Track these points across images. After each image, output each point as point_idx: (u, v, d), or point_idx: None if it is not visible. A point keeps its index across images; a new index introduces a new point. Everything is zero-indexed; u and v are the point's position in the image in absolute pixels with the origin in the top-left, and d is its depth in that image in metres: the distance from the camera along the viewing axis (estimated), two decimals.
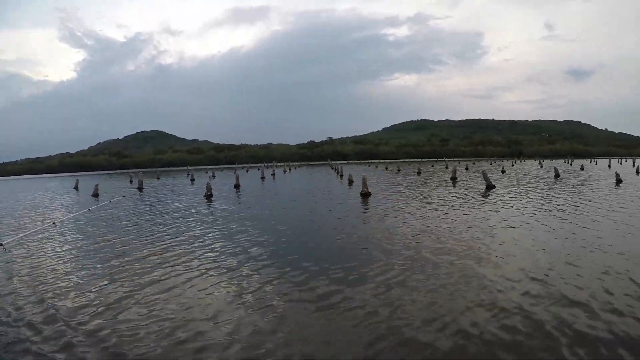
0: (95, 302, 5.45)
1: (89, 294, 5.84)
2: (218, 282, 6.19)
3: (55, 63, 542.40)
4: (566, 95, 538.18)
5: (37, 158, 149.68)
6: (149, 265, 7.34)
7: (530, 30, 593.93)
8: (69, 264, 7.70)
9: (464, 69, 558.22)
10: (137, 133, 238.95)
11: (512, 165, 60.46)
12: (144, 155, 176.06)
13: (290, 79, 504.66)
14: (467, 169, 45.35)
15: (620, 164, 59.89)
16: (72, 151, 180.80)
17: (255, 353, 3.90)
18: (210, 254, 8.16)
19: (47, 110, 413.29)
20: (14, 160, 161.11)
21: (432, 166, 61.75)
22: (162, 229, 11.50)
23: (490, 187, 19.83)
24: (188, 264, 7.37)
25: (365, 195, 18.37)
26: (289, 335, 4.25)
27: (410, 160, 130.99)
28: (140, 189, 30.68)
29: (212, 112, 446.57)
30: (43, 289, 6.12)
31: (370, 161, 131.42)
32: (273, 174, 47.05)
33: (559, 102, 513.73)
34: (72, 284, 6.34)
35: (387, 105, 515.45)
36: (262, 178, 39.31)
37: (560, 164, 56.08)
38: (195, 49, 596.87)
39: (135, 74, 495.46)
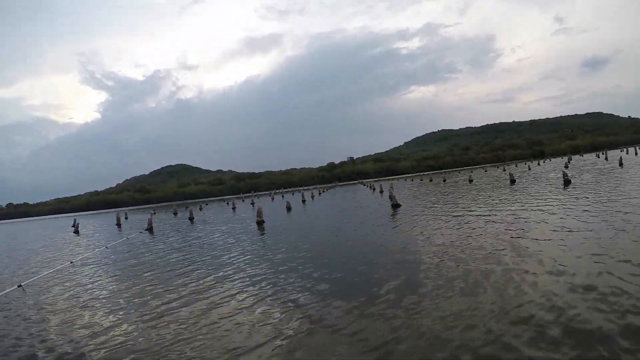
0: (122, 340, 5.16)
1: (112, 331, 5.52)
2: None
3: (79, 105, 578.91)
4: (585, 87, 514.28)
5: (65, 198, 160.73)
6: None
7: (541, 27, 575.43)
8: (90, 303, 7.31)
9: (479, 75, 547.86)
10: (162, 168, 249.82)
11: (504, 170, 56.66)
12: (167, 189, 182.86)
13: (309, 101, 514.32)
14: (444, 180, 43.44)
15: (627, 153, 55.74)
16: (101, 189, 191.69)
17: None
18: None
19: (74, 151, 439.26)
20: (45, 200, 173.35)
21: (431, 180, 59.50)
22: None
23: (395, 206, 19.49)
24: None
25: (260, 223, 18.90)
26: None
27: (431, 172, 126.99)
28: (119, 225, 32.63)
29: (234, 141, 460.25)
30: (67, 328, 5.89)
31: (380, 179, 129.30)
32: (252, 204, 47.12)
33: (579, 96, 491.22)
34: (94, 323, 6.04)
35: (407, 118, 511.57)
36: (233, 208, 39.46)
37: (561, 162, 52.24)
38: (213, 81, 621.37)
39: (157, 110, 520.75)
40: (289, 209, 27.78)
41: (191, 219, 30.27)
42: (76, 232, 29.82)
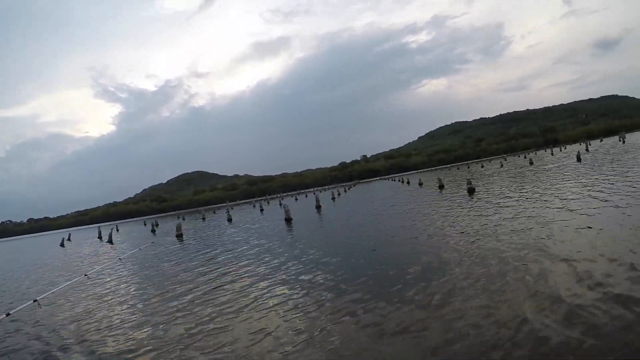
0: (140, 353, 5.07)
1: (132, 344, 5.44)
2: None
3: (94, 119, 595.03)
4: (598, 70, 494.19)
5: (85, 210, 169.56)
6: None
7: (549, 10, 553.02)
8: (108, 315, 7.23)
9: (491, 64, 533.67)
10: (179, 176, 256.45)
11: (482, 166, 55.51)
12: (183, 197, 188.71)
13: (322, 101, 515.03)
14: (408, 183, 43.60)
15: (623, 142, 53.15)
16: (120, 200, 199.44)
17: None
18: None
19: (91, 164, 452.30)
20: (64, 214, 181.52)
21: (408, 183, 59.34)
22: None
23: (288, 220, 20.63)
24: None
25: (179, 236, 21.55)
26: None
27: (442, 167, 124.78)
28: (100, 237, 34.62)
29: (248, 146, 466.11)
30: (86, 342, 5.84)
31: (390, 176, 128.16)
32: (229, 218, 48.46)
33: (592, 79, 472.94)
34: (112, 335, 5.96)
35: (421, 113, 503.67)
36: (203, 219, 41.30)
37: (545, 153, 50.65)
38: (224, 87, 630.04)
39: (171, 119, 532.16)
40: (229, 220, 30.47)
41: (153, 230, 33.44)
42: (62, 245, 33.14)
